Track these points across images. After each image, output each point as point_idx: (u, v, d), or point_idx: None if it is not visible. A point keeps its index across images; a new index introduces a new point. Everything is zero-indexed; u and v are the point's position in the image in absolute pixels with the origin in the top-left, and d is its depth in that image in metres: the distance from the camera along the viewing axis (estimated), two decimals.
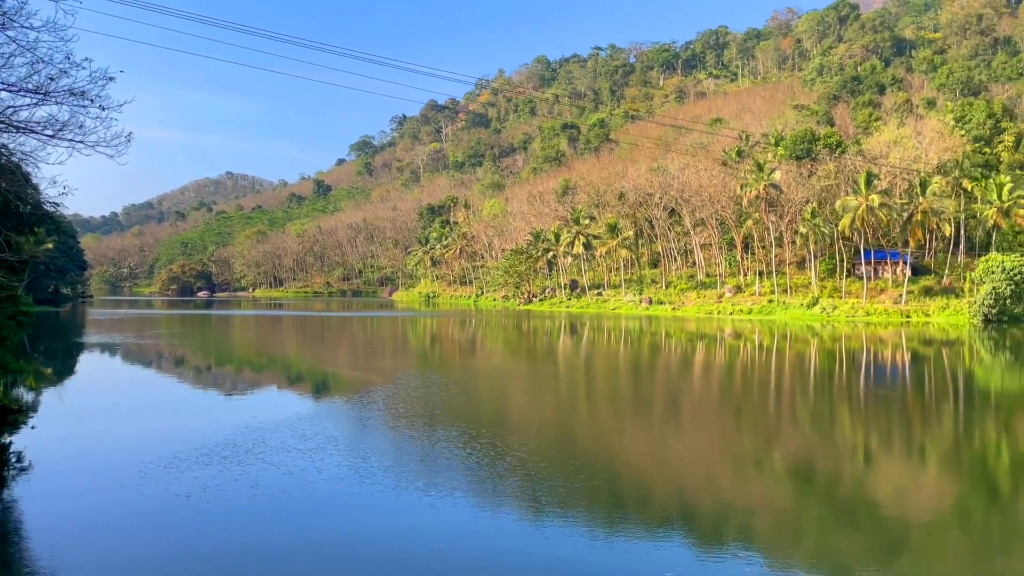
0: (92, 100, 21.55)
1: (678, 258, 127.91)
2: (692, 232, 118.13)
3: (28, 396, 39.46)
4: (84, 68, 22.37)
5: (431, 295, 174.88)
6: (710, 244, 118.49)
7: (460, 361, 56.25)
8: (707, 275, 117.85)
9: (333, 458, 23.12)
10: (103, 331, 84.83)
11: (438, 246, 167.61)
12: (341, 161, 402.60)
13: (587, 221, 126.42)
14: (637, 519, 18.36)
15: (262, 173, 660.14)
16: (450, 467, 22.56)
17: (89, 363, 55.77)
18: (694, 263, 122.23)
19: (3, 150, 25.62)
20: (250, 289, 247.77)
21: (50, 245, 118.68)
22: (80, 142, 23.05)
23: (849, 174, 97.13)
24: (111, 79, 23.29)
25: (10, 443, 27.52)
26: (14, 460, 24.69)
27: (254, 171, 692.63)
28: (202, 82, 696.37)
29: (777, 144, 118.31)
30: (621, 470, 23.41)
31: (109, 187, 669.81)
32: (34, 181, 27.36)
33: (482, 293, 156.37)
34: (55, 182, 41.67)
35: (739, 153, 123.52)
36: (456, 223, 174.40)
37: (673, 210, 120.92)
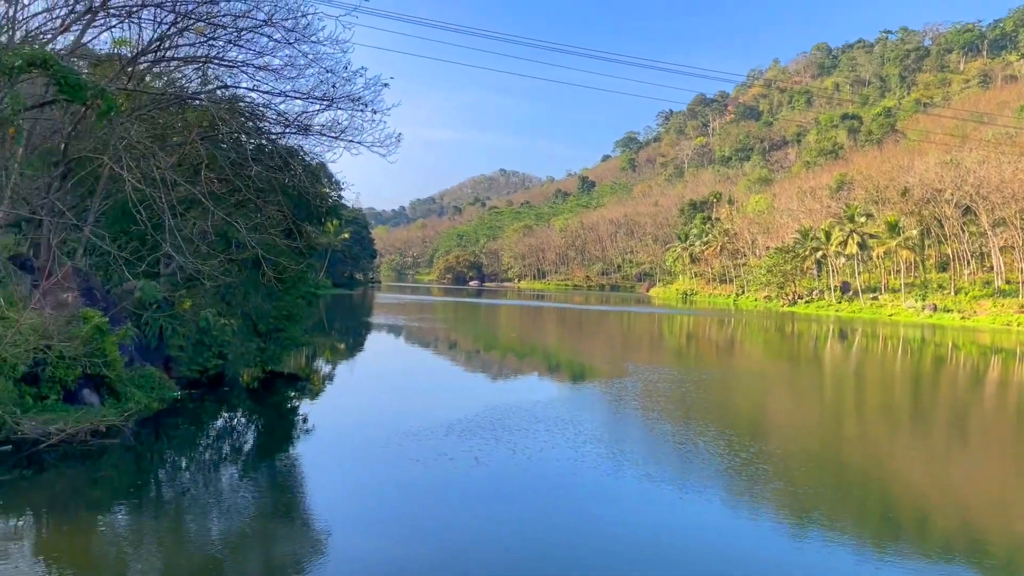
0: (366, 105, 24.22)
1: (971, 262, 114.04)
2: (990, 233, 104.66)
3: (325, 367, 45.11)
4: (360, 77, 25.22)
5: (688, 292, 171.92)
6: (1012, 247, 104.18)
7: (716, 360, 54.94)
8: (1006, 282, 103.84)
9: (589, 447, 23.79)
10: (387, 313, 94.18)
11: (698, 242, 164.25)
12: (606, 157, 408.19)
13: (863, 219, 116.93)
14: (914, 545, 16.88)
15: (532, 170, 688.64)
16: (696, 464, 22.34)
17: (373, 340, 62.48)
18: (991, 268, 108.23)
19: (299, 150, 29.58)
20: (515, 280, 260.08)
21: (346, 235, 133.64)
22: (358, 142, 26.05)
23: None
24: (385, 85, 26.02)
25: (298, 406, 31.70)
26: (301, 422, 28.48)
27: (525, 168, 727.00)
28: (479, 84, 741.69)
29: None
30: (897, 490, 21.52)
31: (400, 184, 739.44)
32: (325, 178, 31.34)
33: (742, 292, 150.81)
34: (332, 179, 47.00)
35: None
36: (718, 219, 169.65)
37: (968, 208, 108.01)
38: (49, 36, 22.04)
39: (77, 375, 22.18)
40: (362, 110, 25.32)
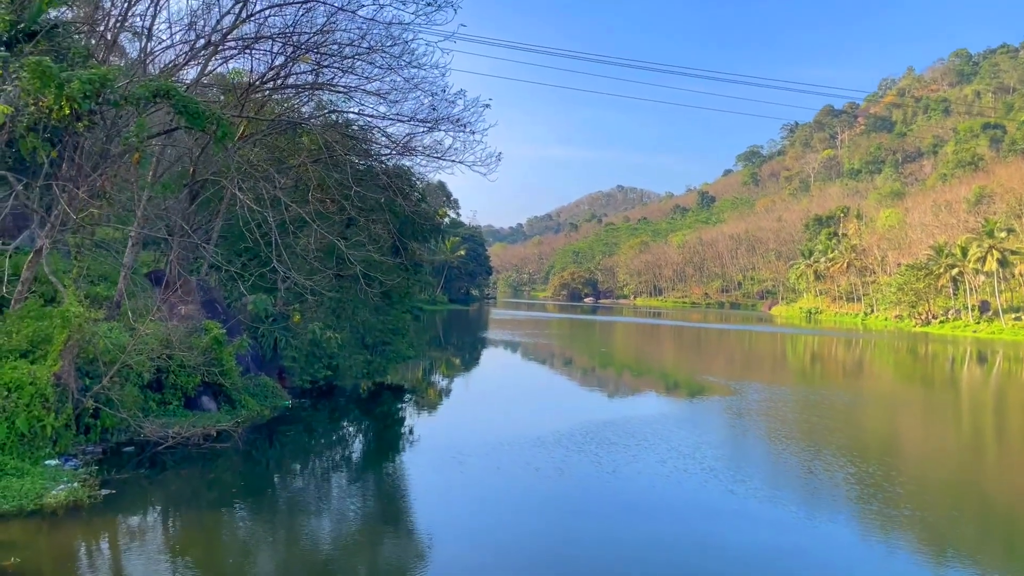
0: (465, 127, 24.97)
1: None
2: None
3: (437, 380, 46.35)
4: (461, 99, 26.04)
5: (813, 311, 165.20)
6: None
7: (842, 383, 52.57)
8: None
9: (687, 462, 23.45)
10: (502, 329, 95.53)
11: (823, 259, 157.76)
12: (727, 172, 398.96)
13: (1004, 234, 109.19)
14: None
15: (649, 186, 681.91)
16: (822, 492, 21.62)
17: (486, 355, 63.66)
18: None
19: (406, 171, 30.71)
20: (631, 297, 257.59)
21: (462, 252, 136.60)
22: (460, 162, 26.86)
23: None
24: (486, 106, 26.76)
25: (404, 417, 32.71)
26: (406, 432, 29.40)
27: (642, 184, 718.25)
28: (597, 101, 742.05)
29: None
30: None
31: (518, 202, 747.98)
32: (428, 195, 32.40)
33: (871, 311, 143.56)
34: (450, 198, 48.30)
35: None
36: (845, 235, 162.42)
37: None
38: (175, 68, 23.95)
39: (196, 383, 23.82)
40: (462, 131, 26.07)
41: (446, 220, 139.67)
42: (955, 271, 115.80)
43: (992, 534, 18.77)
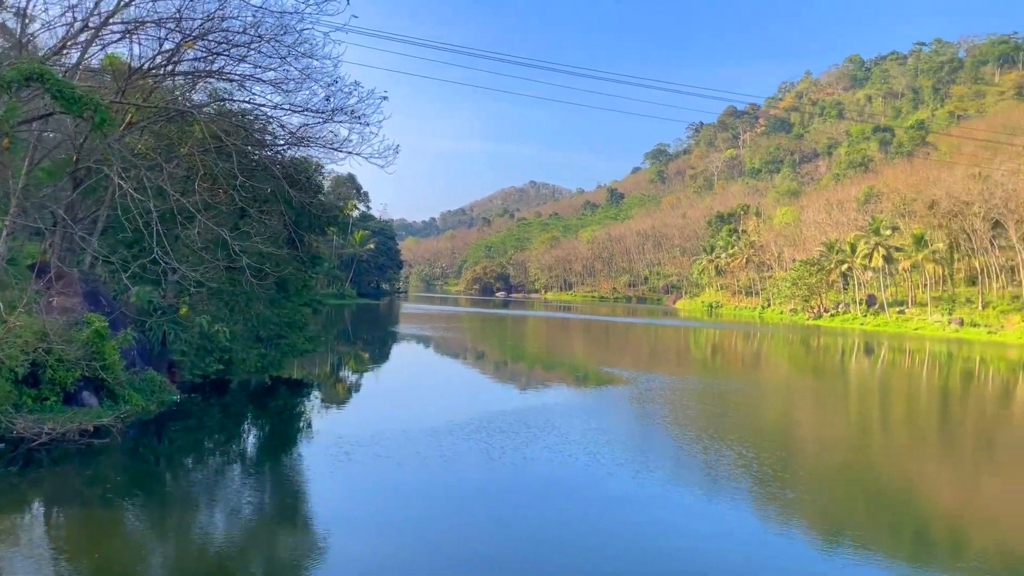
0: (359, 118, 24.95)
1: (1000, 276, 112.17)
2: (1018, 247, 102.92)
3: (343, 374, 45.91)
4: (357, 91, 25.99)
5: (714, 305, 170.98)
6: None
7: (741, 373, 54.72)
8: None
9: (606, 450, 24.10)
10: (413, 323, 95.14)
11: (723, 255, 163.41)
12: (636, 169, 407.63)
13: (889, 232, 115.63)
14: (946, 564, 16.99)
15: (562, 182, 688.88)
16: (721, 474, 22.58)
17: (396, 350, 63.41)
18: (1020, 282, 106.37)
19: (301, 162, 30.40)
20: (542, 291, 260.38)
21: (372, 246, 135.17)
22: (357, 154, 26.79)
23: None
24: (384, 99, 26.78)
25: (302, 412, 32.42)
26: (304, 426, 29.16)
27: (555, 180, 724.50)
28: (511, 97, 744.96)
29: None
30: (930, 511, 21.57)
31: (431, 196, 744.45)
32: (322, 186, 32.18)
33: (768, 305, 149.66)
34: (360, 191, 47.95)
35: None
36: (745, 231, 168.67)
37: (997, 222, 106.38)
38: (56, 52, 23.04)
39: (76, 377, 23.03)
40: (357, 123, 26.02)
41: (355, 213, 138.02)
42: (845, 267, 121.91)
43: (881, 515, 20.01)
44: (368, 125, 25.61)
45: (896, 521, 19.65)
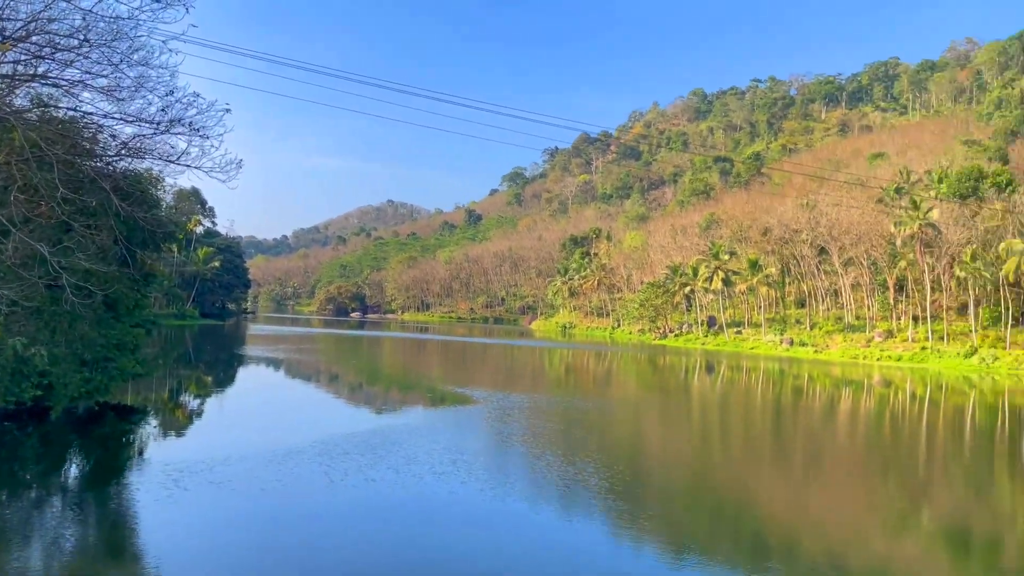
0: (198, 131, 23.80)
1: (825, 299, 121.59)
2: (841, 272, 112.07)
3: (184, 399, 43.26)
4: (197, 103, 24.80)
5: (568, 325, 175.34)
6: (860, 285, 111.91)
7: (590, 391, 56.07)
8: (856, 318, 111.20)
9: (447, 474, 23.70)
10: (261, 345, 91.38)
11: (576, 277, 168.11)
12: (494, 191, 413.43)
13: (727, 256, 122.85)
14: (784, 567, 17.69)
15: (420, 202, 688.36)
16: (576, 490, 22.71)
17: (242, 373, 60.48)
18: (842, 304, 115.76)
19: (131, 175, 28.63)
20: (399, 312, 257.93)
21: (217, 264, 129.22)
22: (196, 168, 25.47)
23: (1019, 215, 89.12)
24: (227, 111, 25.66)
25: (132, 439, 30.30)
26: (134, 454, 27.25)
27: (413, 200, 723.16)
28: (369, 114, 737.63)
29: (940, 181, 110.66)
30: (766, 519, 22.64)
31: (284, 213, 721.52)
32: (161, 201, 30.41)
33: (618, 325, 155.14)
34: (205, 206, 45.77)
35: (898, 190, 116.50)
36: (596, 254, 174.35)
37: (822, 248, 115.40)
38: None
39: None
40: (196, 135, 24.77)
41: (199, 229, 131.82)
42: (688, 289, 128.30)
43: (723, 526, 20.91)
44: (208, 138, 24.39)
45: (737, 530, 20.67)
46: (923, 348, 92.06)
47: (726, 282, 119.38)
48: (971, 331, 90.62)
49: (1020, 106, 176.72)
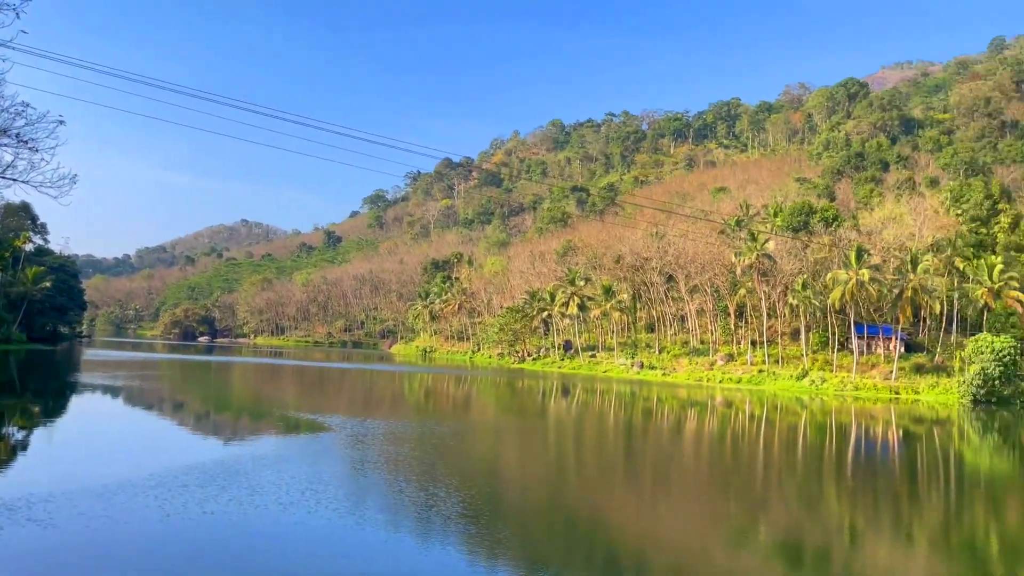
0: (27, 142, 22.14)
1: (673, 324, 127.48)
2: (687, 298, 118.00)
3: (13, 433, 39.51)
4: (27, 113, 23.10)
5: (428, 349, 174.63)
6: (704, 311, 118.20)
7: (450, 415, 55.69)
8: (701, 342, 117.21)
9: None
10: (92, 371, 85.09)
11: (437, 301, 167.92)
12: (354, 213, 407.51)
13: (583, 282, 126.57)
14: None
15: (277, 222, 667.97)
16: (435, 512, 22.22)
17: (72, 403, 55.96)
18: (688, 329, 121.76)
19: None
20: (251, 336, 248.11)
21: (48, 284, 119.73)
22: (24, 182, 23.63)
23: (843, 248, 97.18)
24: (60, 123, 24.06)
25: None
26: None
27: (269, 220, 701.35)
28: (225, 129, 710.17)
29: (776, 215, 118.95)
30: (618, 537, 23.05)
31: (127, 231, 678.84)
32: None
33: (478, 349, 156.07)
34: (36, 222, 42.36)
35: (738, 222, 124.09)
36: (457, 278, 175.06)
37: (670, 276, 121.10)
38: None
39: None
40: (24, 147, 22.99)
41: (28, 247, 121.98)
42: (545, 314, 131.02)
43: (577, 545, 21.18)
44: (39, 151, 22.70)
45: (590, 548, 21.12)
46: (760, 371, 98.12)
47: (581, 307, 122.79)
48: (802, 355, 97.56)
49: (845, 148, 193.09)
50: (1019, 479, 39.68)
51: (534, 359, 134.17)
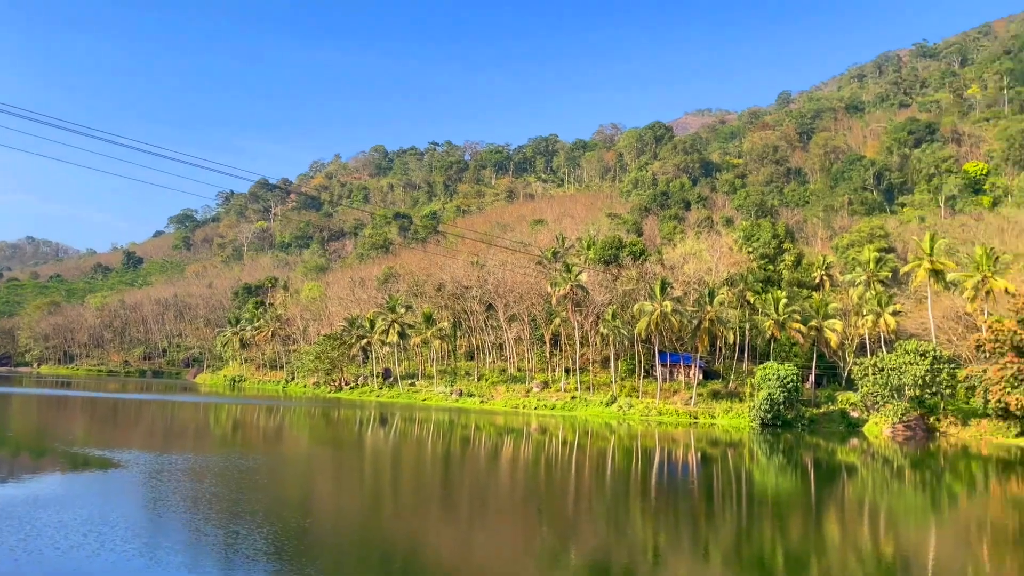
0: None
1: (492, 352, 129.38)
2: (505, 327, 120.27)
3: None
4: None
5: (238, 379, 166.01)
6: (522, 339, 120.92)
7: (260, 448, 52.72)
8: (518, 369, 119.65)
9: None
10: None
11: (249, 327, 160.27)
12: (159, 233, 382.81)
13: (403, 310, 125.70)
14: None
15: (69, 241, 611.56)
16: (240, 550, 20.40)
17: None
18: (506, 357, 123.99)
19: None
20: (34, 364, 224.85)
21: None
22: None
23: (649, 281, 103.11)
24: None
25: None
26: None
27: (60, 237, 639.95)
28: (5, 136, 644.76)
29: (589, 248, 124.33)
30: (432, 565, 22.51)
31: None
32: None
33: (293, 379, 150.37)
34: None
35: (554, 254, 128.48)
36: (272, 304, 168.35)
37: (490, 304, 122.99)
38: None
39: None
40: None
41: None
42: (364, 341, 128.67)
43: (391, 574, 20.43)
44: None
45: None
46: (573, 397, 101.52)
47: (402, 335, 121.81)
48: (612, 382, 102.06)
49: (652, 187, 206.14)
50: (800, 496, 43.34)
51: (352, 388, 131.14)
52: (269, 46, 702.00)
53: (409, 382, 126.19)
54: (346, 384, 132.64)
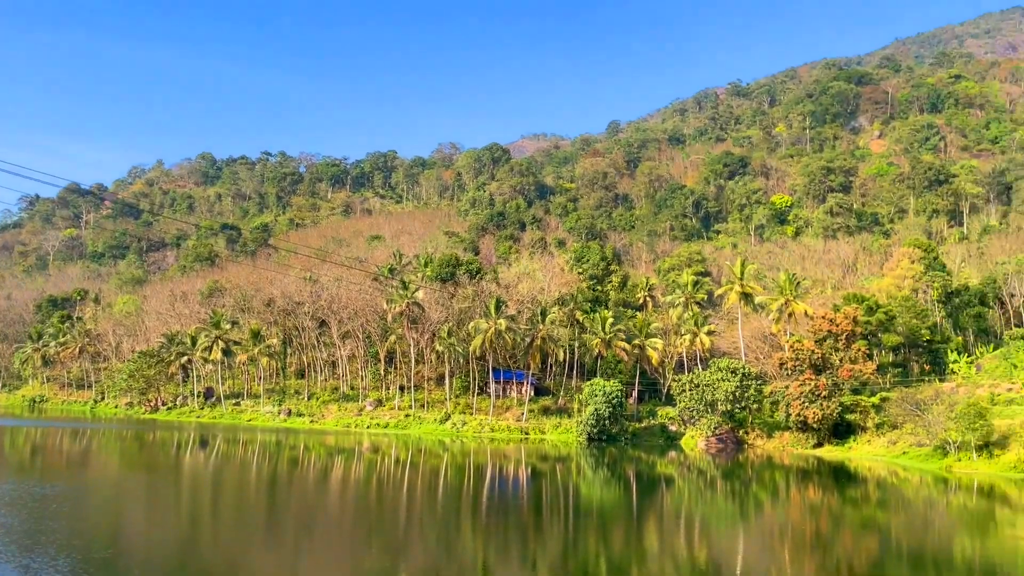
0: None
1: (324, 369, 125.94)
2: (339, 344, 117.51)
3: None
4: None
5: (38, 399, 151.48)
6: (356, 357, 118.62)
7: (62, 476, 48.03)
8: (351, 388, 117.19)
9: None
10: None
11: (53, 343, 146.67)
12: None
13: (229, 326, 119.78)
14: None
15: None
16: None
17: None
18: (339, 375, 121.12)
19: None
20: None
21: None
22: None
23: (485, 299, 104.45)
24: None
25: None
26: None
27: None
28: None
29: (426, 265, 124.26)
30: None
31: None
32: None
33: (103, 399, 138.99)
34: None
35: (391, 271, 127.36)
36: (80, 318, 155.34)
37: (323, 321, 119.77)
38: None
39: None
40: None
41: None
42: (185, 359, 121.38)
43: None
44: None
45: None
46: (407, 415, 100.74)
47: (227, 352, 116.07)
48: (446, 399, 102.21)
49: (489, 207, 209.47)
50: (622, 508, 45.18)
51: (169, 408, 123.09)
52: (68, 38, 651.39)
53: (234, 402, 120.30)
54: (163, 404, 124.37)
